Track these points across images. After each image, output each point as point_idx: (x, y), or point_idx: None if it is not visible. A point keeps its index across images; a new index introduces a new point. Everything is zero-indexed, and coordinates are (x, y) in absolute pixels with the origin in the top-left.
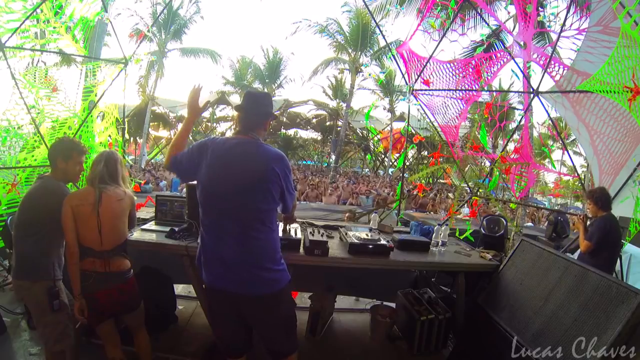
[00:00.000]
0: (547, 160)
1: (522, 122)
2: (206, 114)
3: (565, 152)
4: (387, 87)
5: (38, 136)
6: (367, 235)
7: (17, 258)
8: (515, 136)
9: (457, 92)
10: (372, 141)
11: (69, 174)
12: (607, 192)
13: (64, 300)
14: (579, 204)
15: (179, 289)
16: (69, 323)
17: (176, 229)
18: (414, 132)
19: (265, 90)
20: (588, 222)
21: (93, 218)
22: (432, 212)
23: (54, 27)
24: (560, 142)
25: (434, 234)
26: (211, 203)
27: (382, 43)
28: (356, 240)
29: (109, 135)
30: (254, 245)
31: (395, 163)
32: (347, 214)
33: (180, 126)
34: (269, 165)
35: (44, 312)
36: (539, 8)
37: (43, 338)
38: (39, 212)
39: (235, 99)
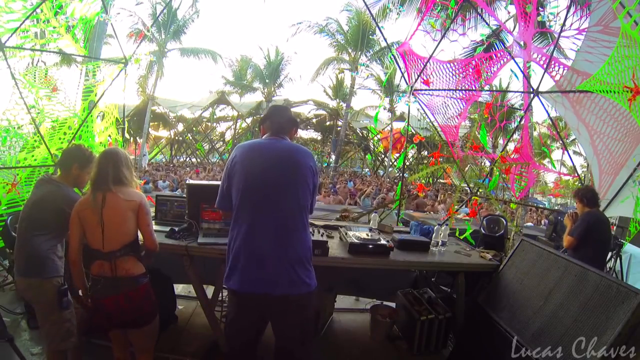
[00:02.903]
0: (547, 160)
1: (522, 122)
2: (206, 114)
3: (565, 152)
4: (388, 88)
5: (38, 136)
6: (367, 235)
7: (25, 256)
8: (515, 136)
9: (457, 92)
10: (372, 141)
11: (79, 181)
12: (593, 190)
13: (70, 299)
14: None
15: (179, 289)
16: (74, 322)
17: (176, 229)
18: (414, 132)
19: (265, 90)
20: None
21: (96, 219)
22: (432, 212)
23: (54, 27)
24: (560, 142)
25: (434, 234)
26: (251, 198)
27: (382, 43)
28: (356, 240)
29: (109, 135)
30: (293, 239)
31: (395, 163)
32: (343, 213)
33: (180, 126)
34: (306, 161)
35: (52, 310)
36: (539, 8)
37: (48, 337)
38: (52, 215)
39: (235, 99)
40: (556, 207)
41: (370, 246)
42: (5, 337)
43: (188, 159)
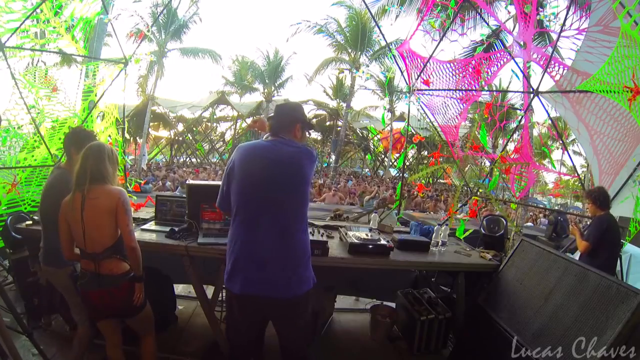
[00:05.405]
0: (547, 160)
1: (522, 122)
2: (206, 114)
3: (565, 152)
4: (388, 88)
5: (38, 136)
6: (367, 235)
7: (44, 247)
8: (515, 136)
9: (457, 92)
10: (372, 141)
11: None
12: (605, 191)
13: None
14: (579, 204)
15: (179, 289)
16: None
17: (176, 229)
18: (414, 132)
19: (265, 90)
20: (588, 223)
21: (78, 219)
22: (432, 212)
23: (54, 27)
24: (560, 142)
25: (434, 234)
26: (250, 198)
27: (382, 43)
28: (356, 240)
29: (109, 135)
30: (293, 240)
31: (395, 163)
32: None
33: (180, 126)
34: (302, 161)
35: (71, 294)
36: (539, 8)
37: (76, 319)
38: (56, 203)
39: (235, 99)
40: (556, 207)
41: (370, 246)
42: (26, 331)
43: (188, 159)
